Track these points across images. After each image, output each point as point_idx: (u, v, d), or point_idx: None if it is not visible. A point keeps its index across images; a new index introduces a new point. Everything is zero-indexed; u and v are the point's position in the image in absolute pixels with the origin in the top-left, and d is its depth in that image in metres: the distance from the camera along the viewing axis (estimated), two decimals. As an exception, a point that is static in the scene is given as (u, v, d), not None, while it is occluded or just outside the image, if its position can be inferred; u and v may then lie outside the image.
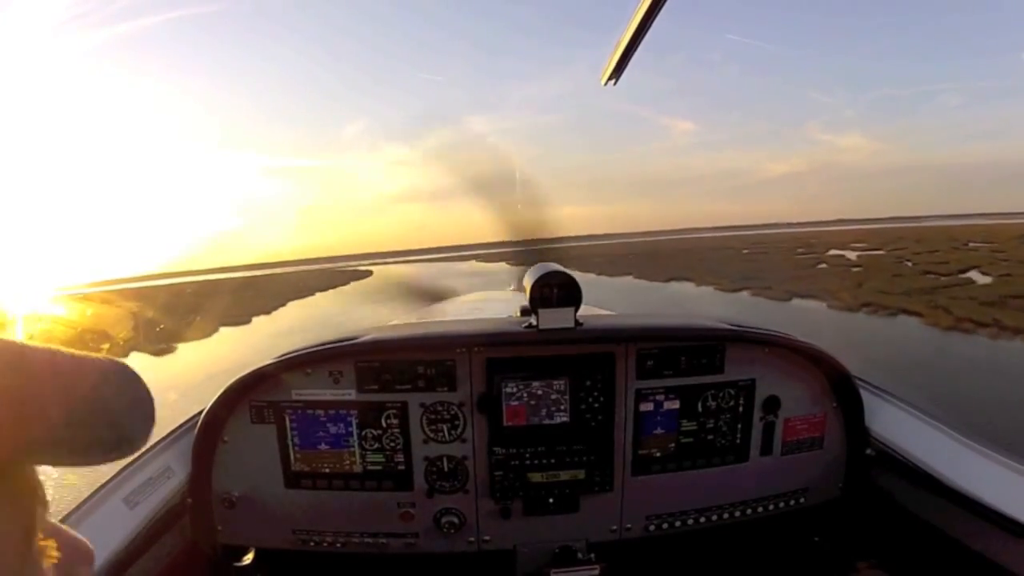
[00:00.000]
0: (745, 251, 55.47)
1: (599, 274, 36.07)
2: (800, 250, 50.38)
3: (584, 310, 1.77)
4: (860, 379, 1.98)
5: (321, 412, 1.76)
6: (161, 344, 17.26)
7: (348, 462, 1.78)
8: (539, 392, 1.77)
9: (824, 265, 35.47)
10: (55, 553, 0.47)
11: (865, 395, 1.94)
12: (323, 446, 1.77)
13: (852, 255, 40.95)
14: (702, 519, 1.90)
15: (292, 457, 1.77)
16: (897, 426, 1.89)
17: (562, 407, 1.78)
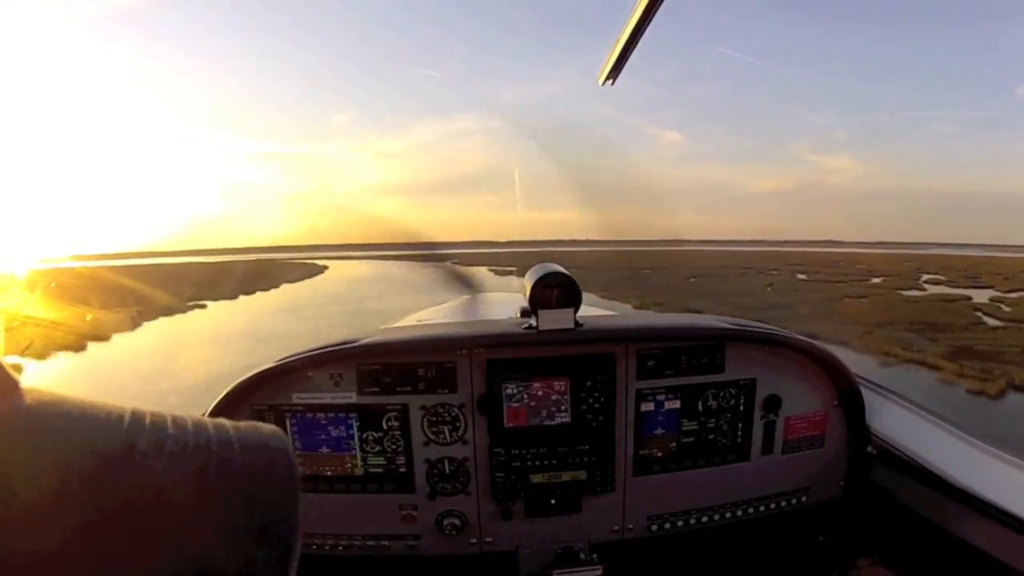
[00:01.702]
0: (802, 275, 44.86)
1: (638, 304, 25.50)
2: (875, 280, 40.49)
3: (584, 310, 1.78)
4: (861, 377, 1.98)
5: (322, 415, 1.76)
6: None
7: (349, 465, 1.78)
8: (540, 393, 1.77)
9: (994, 320, 25.53)
10: None
11: (866, 393, 1.95)
12: (324, 449, 1.77)
13: (978, 296, 31.24)
14: (704, 519, 1.90)
15: None
16: (898, 424, 1.90)
17: (563, 408, 1.78)
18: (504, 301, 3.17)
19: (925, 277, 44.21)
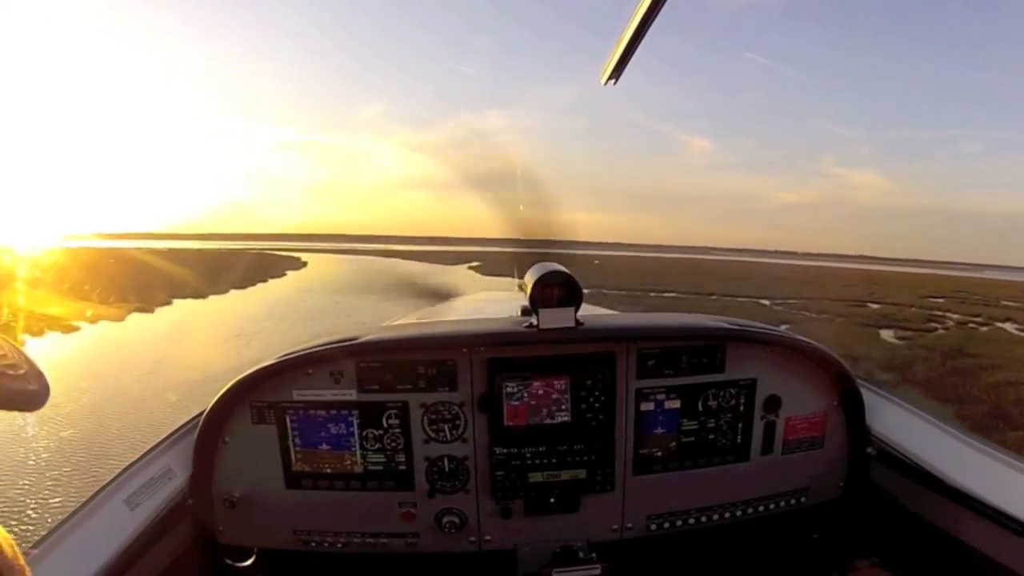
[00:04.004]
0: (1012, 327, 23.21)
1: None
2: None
3: (584, 309, 1.78)
4: (861, 378, 1.99)
5: (322, 412, 1.77)
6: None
7: (349, 462, 1.79)
8: (540, 392, 1.77)
9: None
10: None
11: (866, 394, 1.95)
12: (324, 446, 1.78)
13: None
14: (703, 518, 1.90)
15: (293, 457, 1.78)
16: (898, 425, 1.90)
17: (563, 407, 1.78)
18: (504, 300, 3.21)
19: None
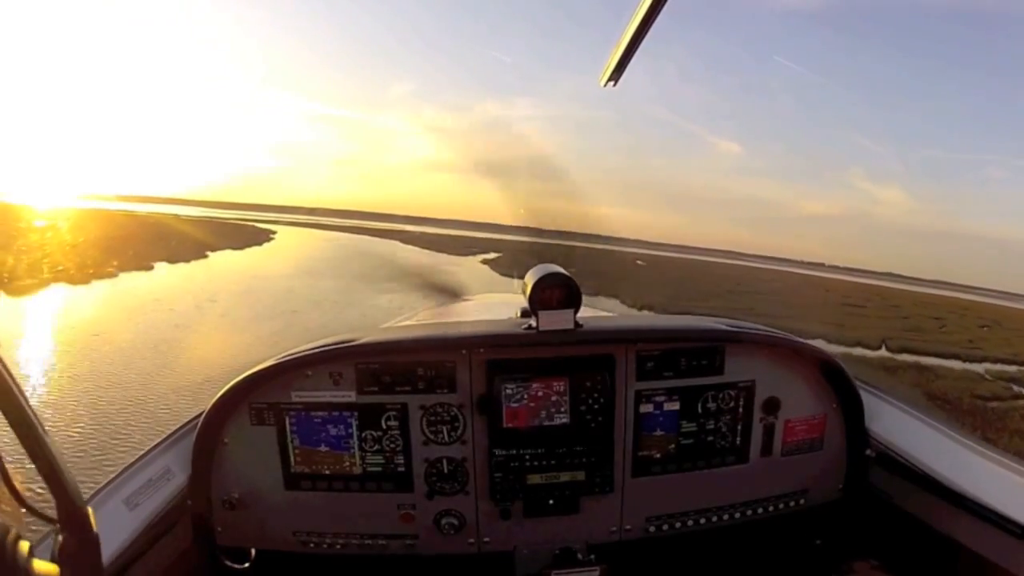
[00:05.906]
0: None
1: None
2: None
3: (584, 311, 1.78)
4: (860, 380, 1.99)
5: (321, 414, 1.77)
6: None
7: (348, 464, 1.79)
8: (539, 394, 1.77)
9: None
10: None
11: (865, 396, 1.95)
12: (323, 448, 1.78)
13: None
14: (702, 520, 1.90)
15: (292, 459, 1.78)
16: (897, 427, 1.90)
17: (562, 409, 1.78)
18: (504, 302, 3.20)
19: None
